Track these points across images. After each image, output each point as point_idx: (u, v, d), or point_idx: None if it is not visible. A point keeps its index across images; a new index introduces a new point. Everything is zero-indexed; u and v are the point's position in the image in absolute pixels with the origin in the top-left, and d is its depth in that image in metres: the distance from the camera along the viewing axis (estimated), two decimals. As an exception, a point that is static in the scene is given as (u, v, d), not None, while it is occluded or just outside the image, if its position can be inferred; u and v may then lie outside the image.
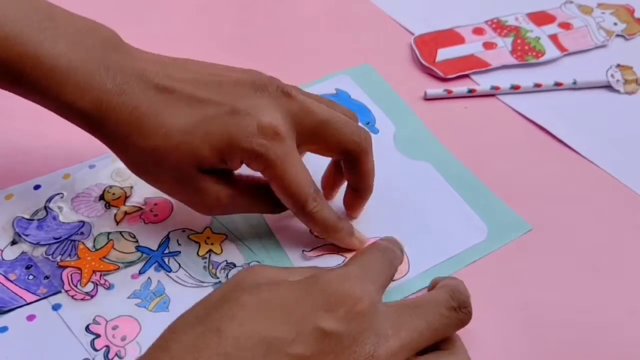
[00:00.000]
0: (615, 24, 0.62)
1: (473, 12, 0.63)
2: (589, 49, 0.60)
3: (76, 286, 0.41)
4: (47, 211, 0.45)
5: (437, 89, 0.55)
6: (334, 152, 0.43)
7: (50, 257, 0.42)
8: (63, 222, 0.45)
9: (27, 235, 0.43)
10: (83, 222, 0.45)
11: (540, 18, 0.63)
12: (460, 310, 0.36)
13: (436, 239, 0.45)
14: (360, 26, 0.62)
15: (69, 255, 0.43)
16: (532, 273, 0.44)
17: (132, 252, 0.43)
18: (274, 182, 0.40)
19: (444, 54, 0.59)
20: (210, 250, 0.44)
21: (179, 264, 0.43)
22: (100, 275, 0.42)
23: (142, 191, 0.46)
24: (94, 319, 0.40)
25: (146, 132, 0.38)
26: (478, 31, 0.61)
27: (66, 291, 0.41)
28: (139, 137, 0.38)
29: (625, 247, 0.46)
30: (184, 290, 0.42)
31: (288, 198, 0.41)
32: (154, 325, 0.39)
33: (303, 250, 0.44)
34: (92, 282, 0.41)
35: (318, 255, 0.44)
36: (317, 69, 0.57)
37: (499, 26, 0.62)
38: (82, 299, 0.41)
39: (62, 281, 0.41)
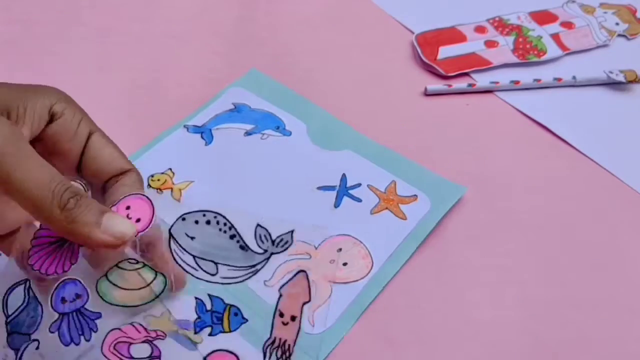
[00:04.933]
0: (617, 23, 0.62)
1: (475, 11, 0.63)
2: (591, 48, 0.60)
3: (131, 356, 0.34)
4: None
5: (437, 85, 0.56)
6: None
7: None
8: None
9: None
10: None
11: (542, 17, 0.63)
12: None
13: (386, 223, 0.45)
14: (360, 25, 0.62)
15: (92, 330, 0.33)
16: (532, 271, 0.44)
17: (152, 281, 0.35)
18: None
19: (446, 51, 0.59)
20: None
21: (214, 262, 0.36)
22: (144, 328, 0.35)
23: None
24: None
25: None
26: (480, 29, 0.61)
27: None
28: None
29: (625, 245, 0.46)
30: (241, 287, 0.36)
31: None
32: (246, 345, 0.35)
33: (264, 281, 0.41)
34: (144, 342, 0.34)
35: (279, 279, 0.41)
36: (317, 68, 0.58)
37: (500, 24, 0.62)
38: None
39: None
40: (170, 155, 0.49)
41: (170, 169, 0.48)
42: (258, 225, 0.37)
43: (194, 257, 0.35)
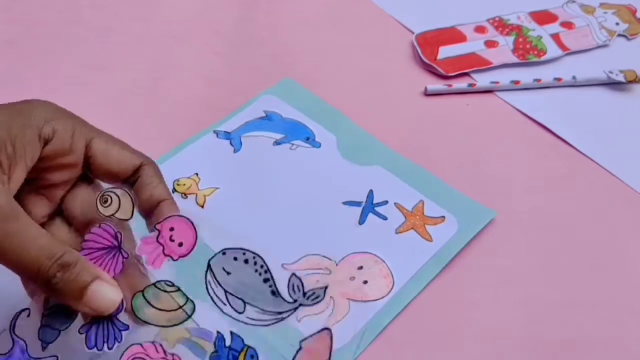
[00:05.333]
0: (617, 23, 0.62)
1: (475, 11, 0.63)
2: (591, 48, 0.60)
3: None
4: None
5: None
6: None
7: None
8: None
9: None
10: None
11: (543, 17, 0.63)
12: None
13: (411, 243, 0.45)
14: (360, 25, 0.62)
15: (116, 339, 0.33)
16: (532, 271, 0.44)
17: (182, 305, 0.34)
18: None
19: (446, 51, 0.59)
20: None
21: (243, 301, 0.35)
22: (163, 349, 0.34)
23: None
24: None
25: None
26: (480, 29, 0.61)
27: None
28: None
29: (625, 244, 0.46)
30: (265, 332, 0.35)
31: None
32: None
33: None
34: None
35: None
36: (317, 68, 0.58)
37: (500, 24, 0.62)
38: None
39: None
40: (197, 160, 0.49)
41: (197, 174, 0.48)
42: (293, 274, 0.37)
43: (225, 291, 0.35)
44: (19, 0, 0.63)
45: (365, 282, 0.43)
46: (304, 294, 0.36)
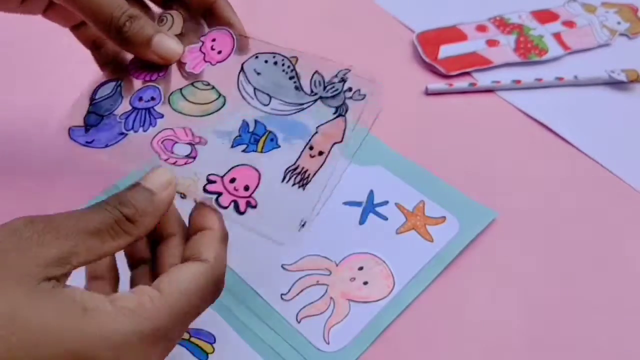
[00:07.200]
0: (619, 22, 0.62)
1: (476, 10, 0.63)
2: (592, 47, 0.60)
3: (172, 152, 0.37)
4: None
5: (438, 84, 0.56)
6: None
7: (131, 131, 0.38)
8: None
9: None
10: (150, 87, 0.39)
11: (544, 16, 0.62)
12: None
13: (412, 243, 0.45)
14: (361, 24, 0.62)
15: (151, 125, 0.38)
16: (533, 271, 0.44)
17: (214, 100, 0.39)
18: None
19: (447, 50, 0.58)
20: None
21: (269, 95, 0.39)
22: (192, 133, 0.38)
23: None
24: (207, 179, 0.37)
25: None
26: (481, 28, 0.61)
27: (165, 160, 0.36)
28: None
29: (626, 244, 0.46)
30: (284, 120, 0.38)
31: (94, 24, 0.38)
32: (271, 166, 0.36)
33: (281, 295, 0.42)
34: (187, 143, 0.37)
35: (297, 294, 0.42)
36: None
37: (502, 24, 0.61)
38: (185, 164, 0.37)
39: (156, 152, 0.37)
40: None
41: (195, 173, 0.48)
42: (316, 72, 0.39)
43: (254, 88, 0.39)
44: None
45: (366, 282, 0.43)
46: (324, 87, 0.39)
